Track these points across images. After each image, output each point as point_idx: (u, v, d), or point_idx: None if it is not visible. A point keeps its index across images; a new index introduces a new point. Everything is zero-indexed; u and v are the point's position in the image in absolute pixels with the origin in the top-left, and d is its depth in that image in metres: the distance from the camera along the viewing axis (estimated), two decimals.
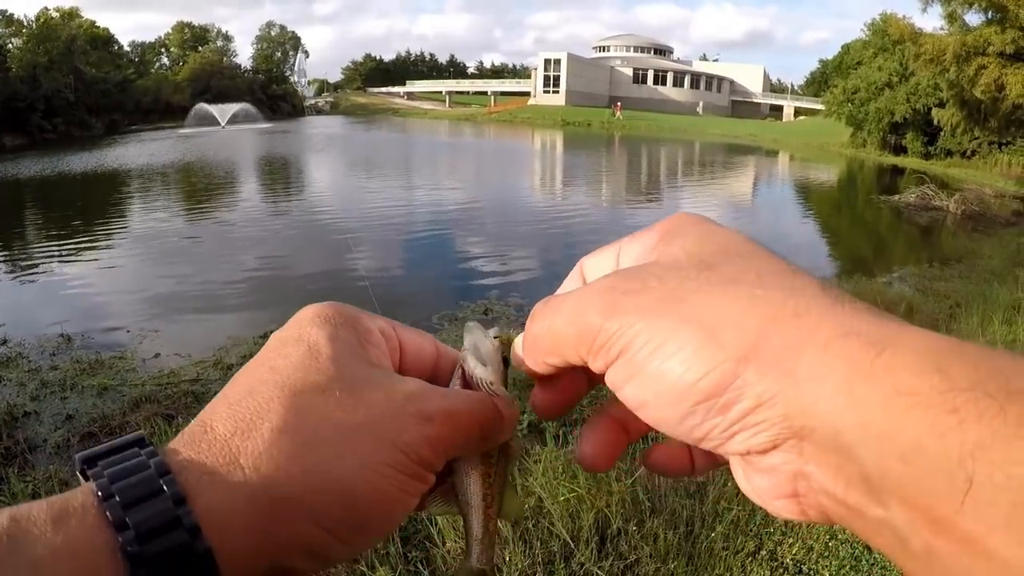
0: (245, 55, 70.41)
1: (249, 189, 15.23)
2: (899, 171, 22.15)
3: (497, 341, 0.33)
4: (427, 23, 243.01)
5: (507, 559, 2.04)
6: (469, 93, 70.30)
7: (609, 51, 70.74)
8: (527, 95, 61.03)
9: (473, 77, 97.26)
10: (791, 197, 17.23)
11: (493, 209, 12.20)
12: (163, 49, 57.20)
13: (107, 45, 45.51)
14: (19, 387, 4.18)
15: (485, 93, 67.27)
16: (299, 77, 66.22)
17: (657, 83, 66.40)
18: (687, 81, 67.17)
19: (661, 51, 71.94)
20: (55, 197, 14.27)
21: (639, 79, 66.28)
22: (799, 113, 59.67)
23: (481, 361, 0.33)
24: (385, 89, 75.37)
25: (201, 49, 55.03)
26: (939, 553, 0.19)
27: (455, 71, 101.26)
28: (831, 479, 0.22)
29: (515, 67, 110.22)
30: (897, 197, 13.98)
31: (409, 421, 0.28)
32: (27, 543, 0.21)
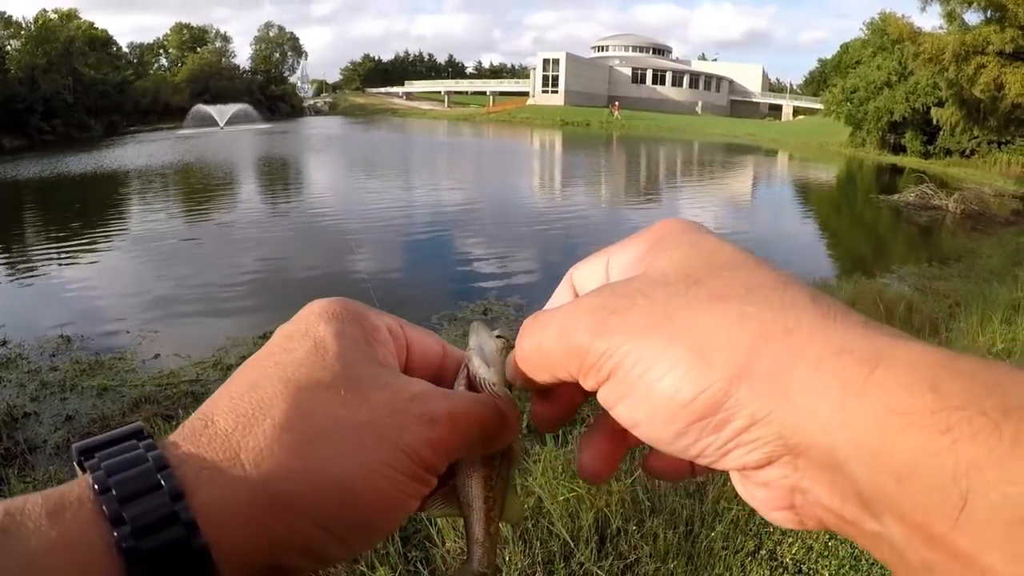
0: (244, 56, 70.41)
1: (248, 190, 15.22)
2: (898, 170, 22.17)
3: (501, 342, 0.32)
4: (425, 23, 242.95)
5: (507, 559, 2.04)
6: (468, 93, 70.36)
7: (608, 51, 70.74)
8: (526, 95, 61.05)
9: (472, 77, 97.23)
10: (790, 197, 17.23)
11: (492, 209, 12.21)
12: (162, 50, 57.25)
13: (106, 46, 45.55)
14: (19, 388, 4.18)
15: (484, 93, 67.33)
16: (302, 82, 67.04)
17: (656, 83, 66.42)
18: (686, 81, 67.21)
19: (660, 51, 71.94)
20: (54, 198, 14.26)
21: (638, 79, 66.29)
22: (798, 113, 59.68)
23: (485, 362, 0.32)
24: (384, 89, 75.44)
25: (200, 50, 55.06)
26: (936, 568, 0.19)
27: (454, 71, 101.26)
28: (827, 494, 0.22)
29: (514, 67, 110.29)
30: (896, 196, 13.98)
31: (413, 422, 0.28)
32: (21, 536, 0.21)
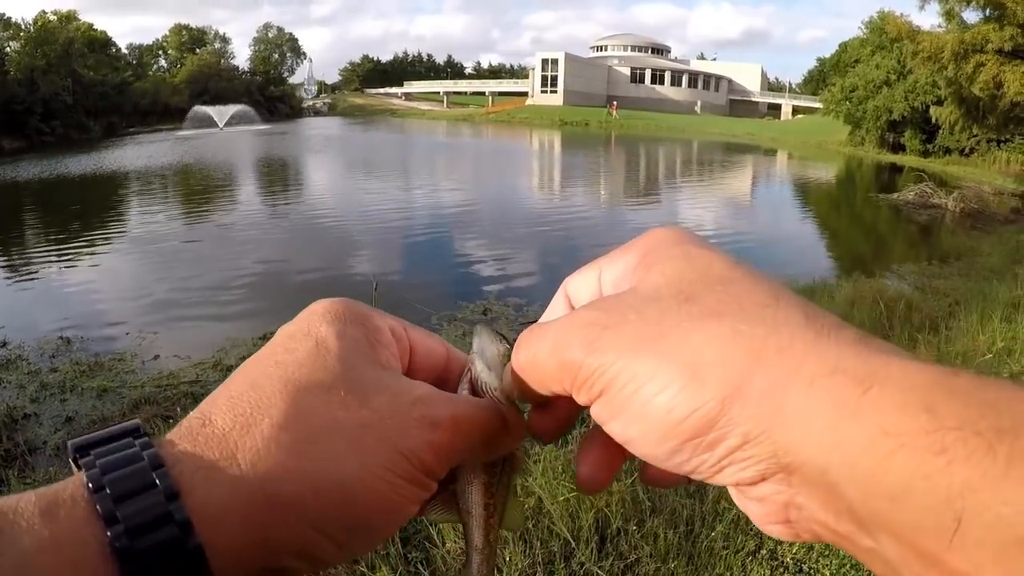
0: (243, 57, 70.57)
1: (247, 191, 15.22)
2: (897, 169, 22.18)
3: (505, 347, 0.32)
4: (424, 24, 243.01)
5: (507, 559, 2.04)
6: (467, 93, 70.38)
7: (606, 51, 70.77)
8: (525, 95, 61.08)
9: (471, 77, 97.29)
10: (790, 196, 17.24)
11: (491, 210, 12.22)
12: (161, 51, 57.18)
13: (105, 48, 45.46)
14: (19, 389, 4.18)
15: (483, 93, 67.36)
16: (309, 83, 67.18)
17: (655, 82, 66.45)
18: (685, 80, 67.21)
19: (658, 50, 71.98)
20: (54, 200, 14.26)
21: (637, 78, 66.30)
22: (797, 112, 59.66)
23: (488, 366, 0.32)
24: (383, 90, 75.40)
25: (199, 51, 55.03)
26: None
27: (453, 72, 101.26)
28: (821, 510, 0.22)
29: (512, 67, 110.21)
30: (896, 195, 13.99)
31: (414, 426, 0.28)
32: (14, 535, 0.21)
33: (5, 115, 31.23)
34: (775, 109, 65.17)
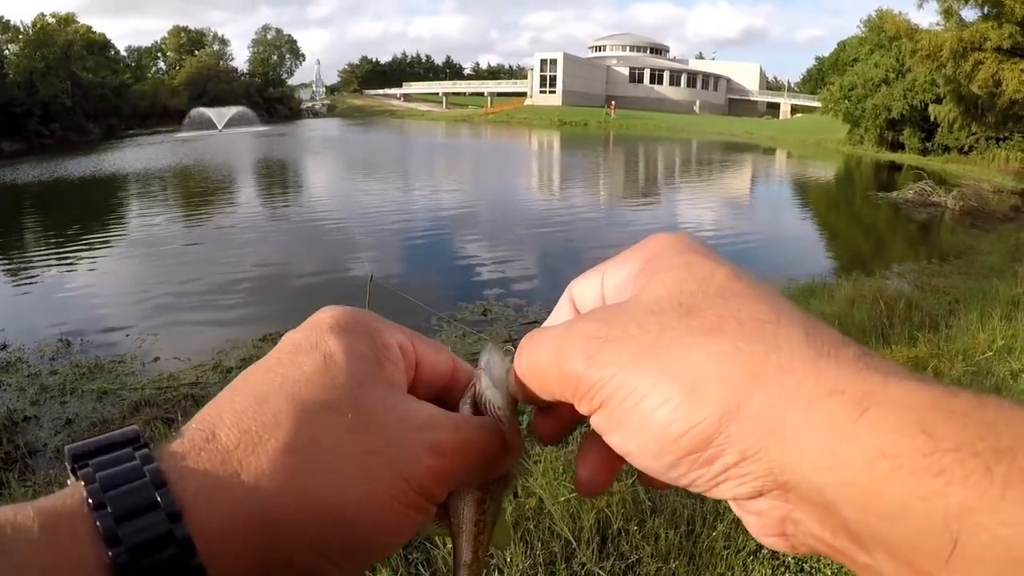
0: (241, 59, 70.60)
1: (247, 193, 15.23)
2: (896, 167, 22.17)
3: (511, 364, 0.32)
4: (423, 25, 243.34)
5: (508, 559, 2.04)
6: (466, 94, 70.46)
7: (605, 51, 70.77)
8: (523, 95, 61.07)
9: (469, 78, 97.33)
10: (789, 195, 17.24)
11: (491, 210, 12.22)
12: (159, 53, 57.11)
13: (103, 50, 45.44)
14: (19, 392, 4.19)
15: (482, 94, 67.37)
16: (318, 87, 67.66)
17: (654, 82, 66.41)
18: (683, 80, 67.16)
19: (657, 50, 71.97)
20: (53, 202, 14.28)
21: (635, 78, 66.28)
22: (796, 110, 59.63)
23: (494, 383, 0.32)
24: (382, 91, 75.41)
25: (197, 53, 54.98)
26: None
27: (451, 72, 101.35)
28: (817, 526, 0.22)
29: (511, 68, 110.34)
30: (895, 193, 13.98)
31: (421, 453, 0.28)
32: (14, 554, 0.21)
33: (4, 118, 31.25)
34: (774, 108, 65.14)
